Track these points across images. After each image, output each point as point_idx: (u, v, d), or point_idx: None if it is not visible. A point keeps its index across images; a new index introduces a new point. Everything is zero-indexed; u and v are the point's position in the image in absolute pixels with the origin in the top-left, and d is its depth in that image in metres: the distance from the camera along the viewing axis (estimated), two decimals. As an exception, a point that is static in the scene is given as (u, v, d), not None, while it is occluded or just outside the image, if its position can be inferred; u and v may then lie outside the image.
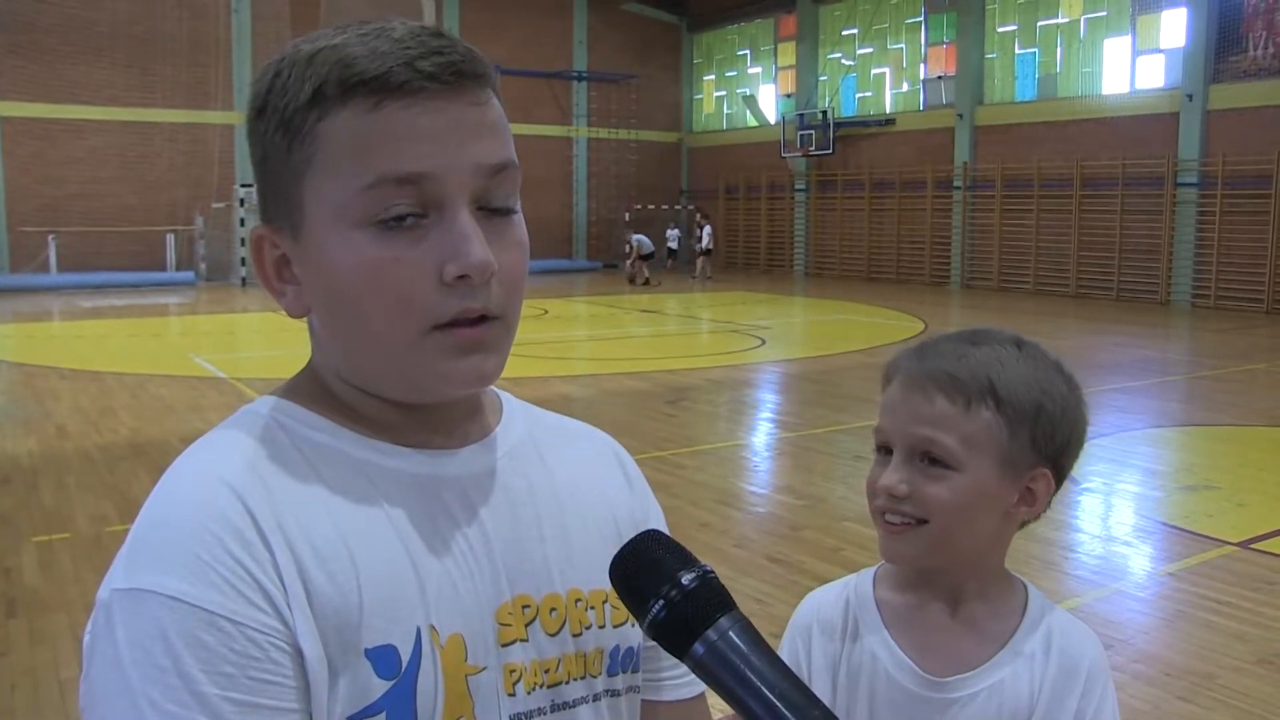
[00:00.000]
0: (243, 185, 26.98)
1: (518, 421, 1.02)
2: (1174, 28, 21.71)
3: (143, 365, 12.99)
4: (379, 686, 0.81)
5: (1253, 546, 6.08)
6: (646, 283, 26.69)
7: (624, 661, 0.98)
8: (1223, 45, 20.74)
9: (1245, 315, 19.53)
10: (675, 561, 0.79)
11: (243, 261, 26.65)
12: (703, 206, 32.29)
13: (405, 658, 0.82)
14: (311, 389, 0.93)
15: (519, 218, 0.90)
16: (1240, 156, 20.25)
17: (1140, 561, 5.92)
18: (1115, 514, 6.89)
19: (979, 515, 1.22)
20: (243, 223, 26.38)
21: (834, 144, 28.93)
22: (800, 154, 29.88)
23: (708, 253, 28.54)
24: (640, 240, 27.68)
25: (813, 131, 29.36)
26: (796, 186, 30.93)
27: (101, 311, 20.03)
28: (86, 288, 24.58)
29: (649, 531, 0.83)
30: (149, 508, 0.82)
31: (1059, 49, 24.31)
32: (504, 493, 0.95)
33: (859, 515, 6.77)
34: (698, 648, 0.76)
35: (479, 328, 0.85)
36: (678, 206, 34.44)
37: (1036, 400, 1.21)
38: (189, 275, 26.58)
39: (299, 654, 0.78)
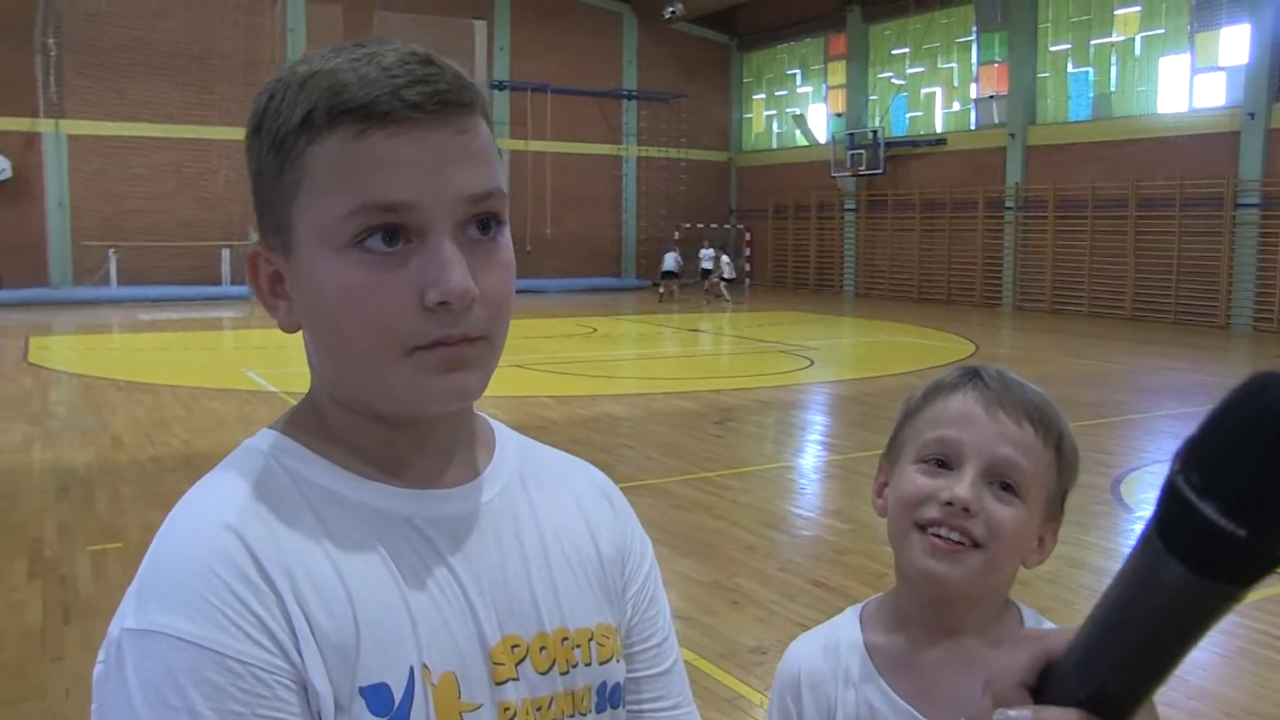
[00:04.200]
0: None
1: (509, 457, 1.03)
2: (1235, 44, 21.38)
3: (196, 378, 13.18)
4: None
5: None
6: (667, 298, 27.33)
7: (612, 698, 1.00)
8: (1286, 63, 20.39)
9: (1306, 339, 19.16)
10: None
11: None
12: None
13: (398, 696, 0.84)
14: (309, 421, 0.95)
15: (505, 240, 0.91)
16: (1302, 177, 19.88)
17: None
18: (1169, 541, 6.75)
19: (1020, 550, 1.21)
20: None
21: (884, 163, 28.79)
22: (850, 173, 29.76)
23: (712, 276, 28.17)
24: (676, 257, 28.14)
25: (863, 151, 29.24)
26: (846, 206, 30.81)
27: (158, 324, 20.36)
28: (145, 301, 25.03)
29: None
30: (156, 549, 0.84)
31: (1113, 68, 24.05)
32: (493, 534, 0.96)
33: (906, 539, 6.70)
34: None
35: (460, 346, 0.86)
36: (726, 226, 34.43)
37: (1075, 462, 1.25)
38: (243, 290, 26.88)
39: (305, 691, 0.81)
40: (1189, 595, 0.56)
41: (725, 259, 27.99)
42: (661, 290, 28.12)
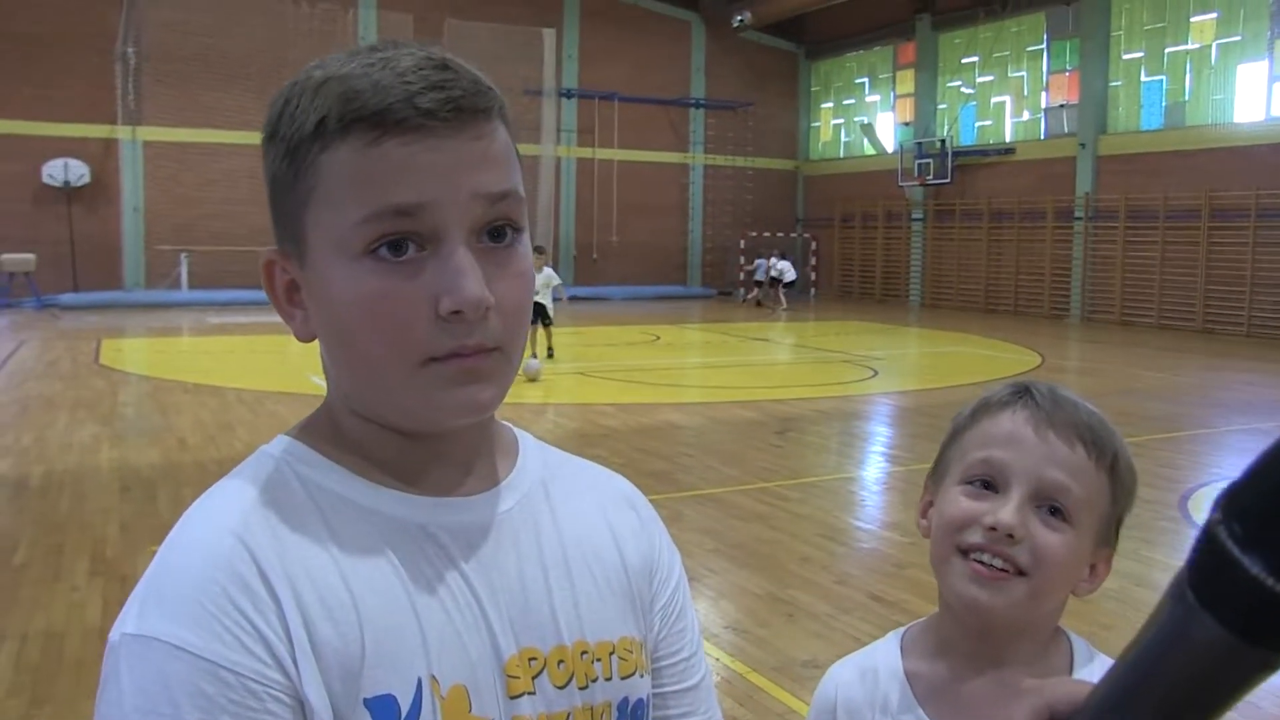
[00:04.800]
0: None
1: (531, 466, 1.01)
2: (1314, 54, 20.88)
3: (262, 382, 13.36)
4: None
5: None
6: (759, 304, 28.15)
7: (634, 714, 0.97)
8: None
9: (1388, 355, 18.61)
10: None
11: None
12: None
13: (405, 707, 0.82)
14: (324, 428, 0.93)
15: (523, 247, 0.88)
16: (1384, 189, 19.35)
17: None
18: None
19: (1069, 578, 1.15)
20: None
21: (952, 173, 28.48)
22: (917, 183, 29.51)
23: (780, 284, 28.46)
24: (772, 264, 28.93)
25: (930, 160, 28.96)
26: (913, 216, 30.54)
27: (227, 328, 20.70)
28: (215, 304, 25.48)
29: None
30: (161, 554, 0.83)
31: (1188, 76, 23.55)
32: (511, 544, 0.93)
33: (967, 554, 6.59)
34: None
35: (475, 357, 0.84)
36: (793, 235, 34.29)
37: (1132, 485, 1.18)
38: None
39: (299, 704, 0.79)
40: (1225, 657, 0.51)
41: (784, 264, 28.34)
42: (752, 296, 28.96)
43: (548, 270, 15.01)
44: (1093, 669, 1.18)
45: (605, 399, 12.46)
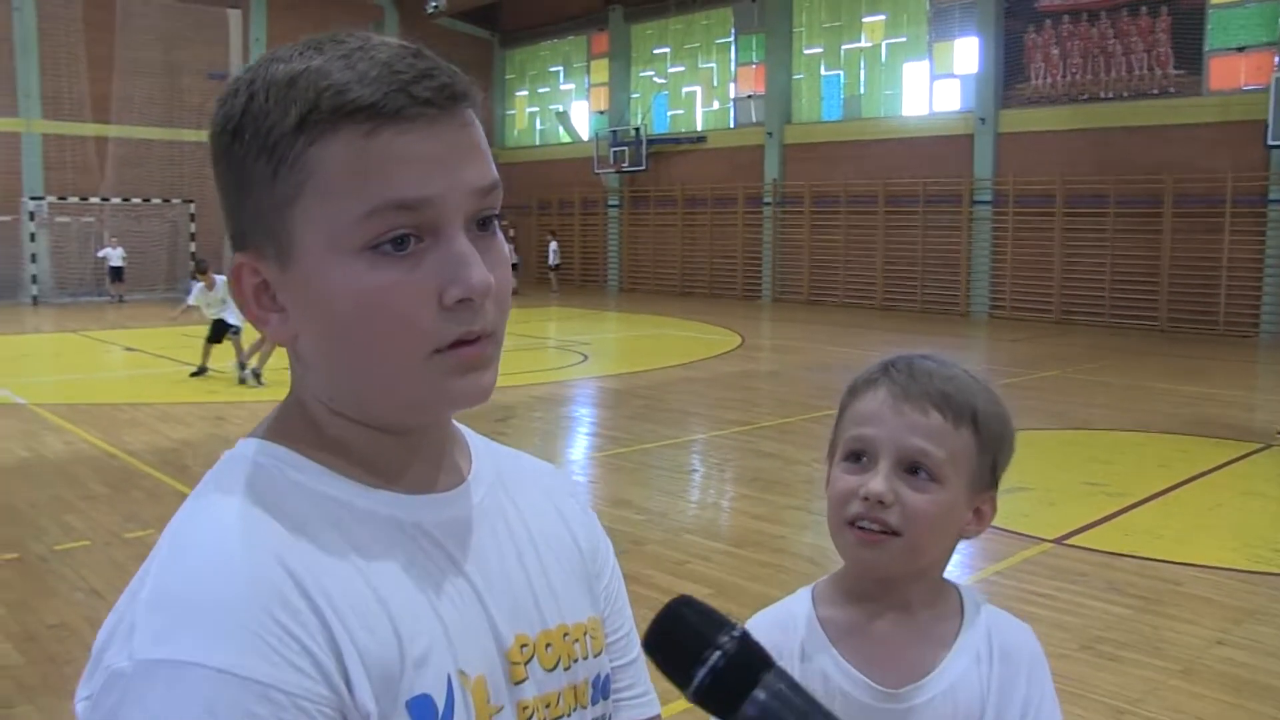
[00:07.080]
0: (32, 198, 25.44)
1: (485, 461, 1.02)
2: (967, 55, 22.94)
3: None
4: None
5: (1066, 542, 6.48)
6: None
7: (604, 689, 1.01)
8: (1010, 73, 22.03)
9: (1037, 325, 20.75)
10: (710, 626, 0.79)
11: (34, 279, 25.15)
12: (549, 224, 32.46)
13: (440, 705, 0.83)
14: (298, 429, 0.90)
15: (500, 234, 0.90)
16: (1028, 177, 21.55)
17: (967, 563, 6.21)
18: (938, 517, 7.19)
19: (946, 529, 1.28)
20: (33, 237, 24.98)
21: (646, 160, 29.34)
22: (613, 170, 30.19)
23: (556, 268, 29.61)
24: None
25: (625, 148, 29.70)
26: (610, 203, 31.23)
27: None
28: None
29: (680, 598, 0.82)
30: (174, 572, 0.78)
31: (862, 72, 25.35)
32: (490, 535, 0.95)
33: (699, 527, 6.89)
34: (749, 709, 0.77)
35: (477, 345, 0.85)
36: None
37: (1001, 431, 1.31)
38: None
39: (343, 717, 0.77)
40: None
41: (553, 246, 29.72)
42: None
43: (220, 279, 13.64)
44: (980, 617, 1.33)
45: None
